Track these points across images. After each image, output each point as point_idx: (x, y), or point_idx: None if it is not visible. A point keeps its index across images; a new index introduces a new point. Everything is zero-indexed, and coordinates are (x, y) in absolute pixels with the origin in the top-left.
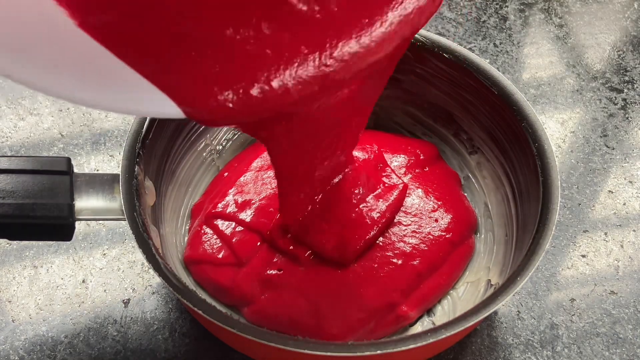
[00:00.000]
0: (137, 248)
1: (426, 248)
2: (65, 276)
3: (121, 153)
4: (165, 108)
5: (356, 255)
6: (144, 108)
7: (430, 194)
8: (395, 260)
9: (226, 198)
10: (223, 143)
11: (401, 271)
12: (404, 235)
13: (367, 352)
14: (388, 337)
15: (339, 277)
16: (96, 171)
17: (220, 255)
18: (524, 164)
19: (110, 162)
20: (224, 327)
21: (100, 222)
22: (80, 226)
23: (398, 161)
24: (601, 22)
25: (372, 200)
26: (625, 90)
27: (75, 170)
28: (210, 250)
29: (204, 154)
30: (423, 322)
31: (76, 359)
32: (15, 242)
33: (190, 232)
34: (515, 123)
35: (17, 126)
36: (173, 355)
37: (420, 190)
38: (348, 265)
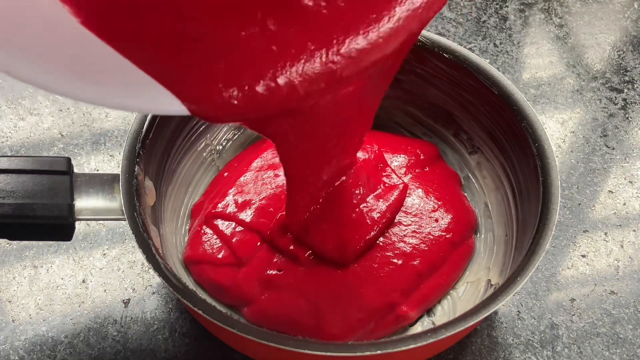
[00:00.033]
0: (137, 248)
1: (426, 248)
2: (65, 276)
3: (121, 153)
4: (169, 105)
5: (356, 255)
6: (148, 105)
7: (430, 194)
8: (395, 260)
9: (226, 198)
10: (223, 143)
11: (401, 271)
12: (404, 235)
13: (367, 352)
14: (388, 337)
15: (339, 277)
16: (96, 171)
17: (220, 255)
18: (524, 164)
19: (110, 162)
20: (224, 327)
21: (100, 222)
22: (80, 226)
23: (398, 161)
24: (601, 22)
25: (373, 200)
26: (625, 90)
27: (75, 170)
28: (210, 250)
29: (204, 154)
30: (423, 322)
31: (76, 359)
32: (15, 242)
33: (190, 232)
34: (515, 123)
35: (17, 126)
36: (173, 355)
37: (420, 190)
38: (348, 265)
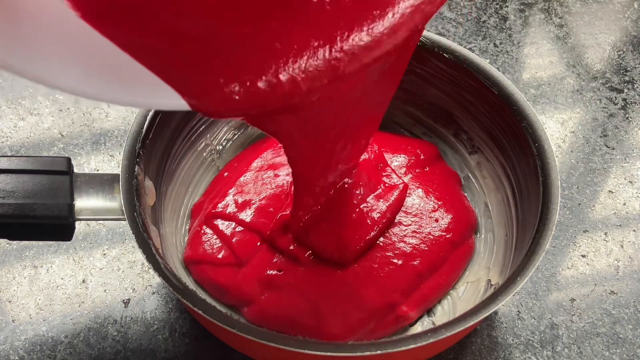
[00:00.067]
0: (137, 248)
1: (426, 248)
2: (65, 276)
3: (121, 153)
4: (169, 100)
5: (356, 255)
6: (148, 100)
7: (430, 194)
8: (395, 260)
9: (226, 198)
10: (223, 143)
11: (401, 271)
12: (404, 235)
13: (367, 352)
14: (388, 337)
15: (339, 277)
16: (96, 171)
17: (220, 255)
18: (524, 164)
19: (110, 162)
20: (224, 327)
21: (100, 222)
22: (80, 226)
23: (398, 161)
24: (601, 22)
25: (373, 200)
26: (625, 90)
27: (75, 170)
28: (210, 250)
29: (204, 154)
30: (423, 322)
31: (76, 359)
32: (15, 242)
33: (190, 232)
34: (515, 123)
35: (17, 126)
36: (173, 355)
37: (420, 190)
38: (348, 265)
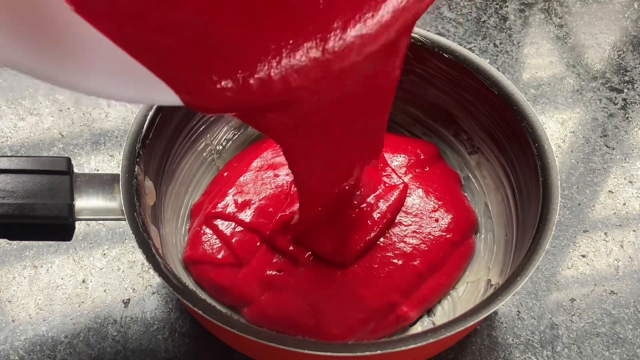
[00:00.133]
0: (137, 248)
1: (426, 248)
2: (65, 276)
3: (121, 153)
4: (163, 95)
5: (356, 256)
6: (141, 95)
7: (430, 194)
8: (395, 260)
9: (226, 198)
10: (223, 143)
11: (401, 271)
12: (405, 235)
13: (367, 352)
14: (388, 337)
15: (339, 278)
16: (96, 171)
17: (220, 255)
18: (524, 164)
19: (110, 162)
20: (224, 327)
21: (100, 222)
22: (80, 226)
23: (398, 161)
24: (601, 22)
25: (373, 200)
26: (625, 90)
27: (75, 170)
28: (210, 250)
29: (204, 154)
30: (423, 322)
31: (76, 359)
32: (15, 242)
33: (190, 232)
34: (515, 123)
35: (17, 126)
36: (173, 355)
37: (420, 190)
38: (348, 266)
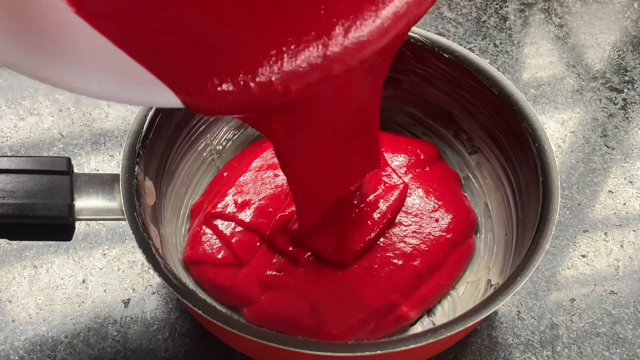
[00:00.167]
0: (137, 248)
1: (427, 248)
2: (65, 276)
3: (121, 153)
4: (163, 97)
5: (356, 256)
6: (142, 97)
7: (430, 194)
8: (395, 260)
9: (226, 198)
10: (223, 143)
11: (401, 271)
12: (405, 235)
13: (367, 352)
14: (388, 337)
15: (339, 278)
16: (96, 171)
17: (219, 255)
18: (524, 164)
19: (110, 162)
20: (224, 327)
21: (100, 222)
22: (80, 226)
23: (398, 161)
24: (601, 22)
25: (373, 200)
26: (625, 90)
27: (75, 170)
28: (209, 250)
29: (204, 154)
30: (423, 322)
31: (76, 359)
32: (15, 242)
33: (189, 232)
34: (515, 123)
35: (17, 126)
36: (173, 355)
37: (420, 190)
38: (348, 266)
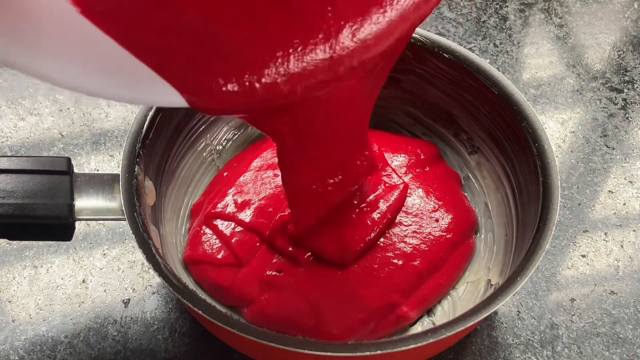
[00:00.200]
0: (137, 248)
1: (427, 248)
2: (65, 276)
3: (121, 153)
4: (169, 97)
5: (356, 256)
6: (148, 97)
7: (430, 194)
8: (395, 260)
9: (225, 198)
10: (223, 143)
11: (401, 272)
12: (405, 235)
13: (367, 352)
14: (388, 337)
15: (339, 278)
16: (96, 171)
17: (219, 255)
18: (524, 164)
19: (110, 162)
20: (224, 327)
21: (100, 222)
22: (80, 226)
23: (399, 161)
24: (601, 22)
25: (373, 201)
26: (625, 90)
27: (75, 170)
28: (209, 250)
29: (204, 154)
30: (423, 322)
31: (76, 359)
32: (15, 242)
33: (189, 232)
34: (515, 123)
35: (17, 126)
36: (173, 355)
37: (420, 190)
38: (348, 266)
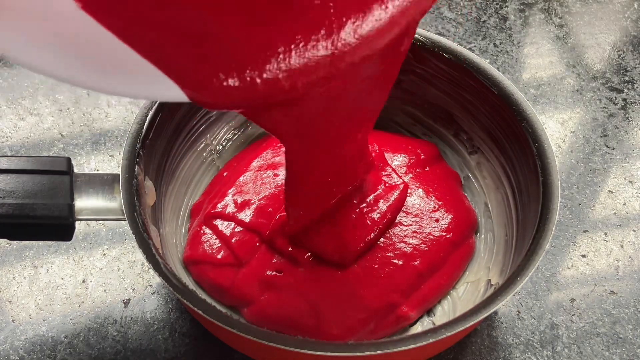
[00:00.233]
0: (137, 248)
1: (427, 248)
2: (65, 276)
3: (121, 153)
4: (169, 91)
5: (356, 256)
6: (147, 91)
7: (430, 194)
8: (395, 260)
9: (225, 198)
10: (223, 143)
11: (402, 272)
12: (405, 235)
13: (367, 352)
14: (388, 337)
15: (339, 278)
16: (96, 171)
17: (219, 255)
18: (524, 164)
19: (110, 162)
20: (224, 327)
21: (100, 222)
22: (80, 226)
23: (399, 160)
24: (601, 22)
25: (373, 200)
26: (625, 90)
27: (75, 170)
28: (209, 250)
29: (204, 154)
30: (423, 322)
31: (76, 359)
32: (15, 242)
33: (189, 232)
34: (515, 123)
35: (17, 126)
36: (173, 355)
37: (420, 190)
38: (348, 266)
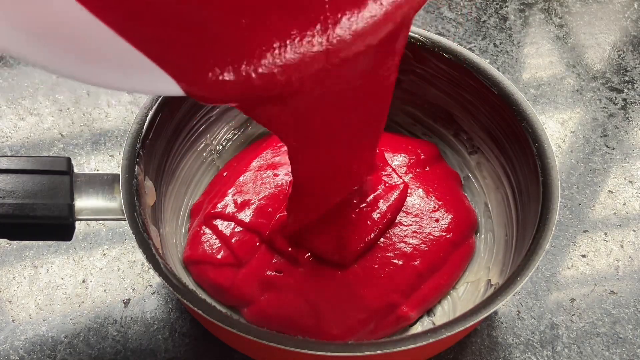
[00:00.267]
0: (137, 248)
1: (427, 248)
2: (65, 276)
3: (121, 153)
4: (165, 85)
5: (356, 257)
6: (142, 85)
7: (430, 194)
8: (395, 260)
9: (225, 198)
10: (223, 143)
11: (402, 272)
12: (405, 235)
13: (367, 352)
14: (388, 337)
15: (339, 278)
16: (96, 171)
17: (219, 255)
18: (524, 164)
19: (110, 162)
20: (224, 327)
21: (100, 222)
22: (80, 226)
23: (399, 160)
24: (601, 22)
25: (373, 200)
26: (625, 90)
27: (75, 170)
28: (209, 250)
29: (204, 154)
30: (423, 322)
31: (76, 359)
32: (15, 242)
33: (189, 232)
34: (515, 123)
35: (17, 126)
36: (173, 355)
37: (420, 190)
38: (348, 266)
